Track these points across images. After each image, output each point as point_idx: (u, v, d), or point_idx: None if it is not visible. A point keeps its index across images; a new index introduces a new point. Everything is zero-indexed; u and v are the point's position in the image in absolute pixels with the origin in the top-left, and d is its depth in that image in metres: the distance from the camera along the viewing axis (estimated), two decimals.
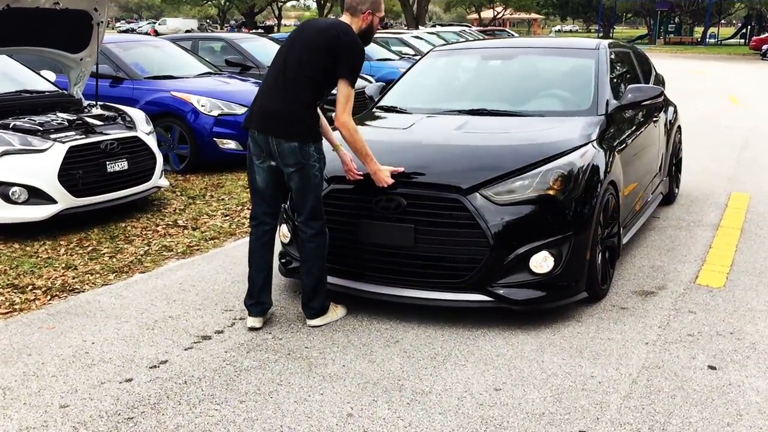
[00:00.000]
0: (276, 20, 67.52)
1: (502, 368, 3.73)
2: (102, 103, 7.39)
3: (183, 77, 9.39)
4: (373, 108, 5.58)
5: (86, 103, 7.33)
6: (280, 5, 63.83)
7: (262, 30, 50.77)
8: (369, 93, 6.04)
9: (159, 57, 9.95)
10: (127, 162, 6.66)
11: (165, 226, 6.52)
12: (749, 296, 4.69)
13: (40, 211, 6.05)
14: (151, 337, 4.15)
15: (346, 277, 4.41)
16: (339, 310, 4.38)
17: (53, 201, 6.08)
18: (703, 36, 57.91)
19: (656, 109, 6.31)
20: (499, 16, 65.56)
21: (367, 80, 11.38)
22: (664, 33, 60.51)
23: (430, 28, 32.02)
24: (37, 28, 6.68)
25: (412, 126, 4.91)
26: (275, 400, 3.43)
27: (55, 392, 3.53)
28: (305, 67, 4.00)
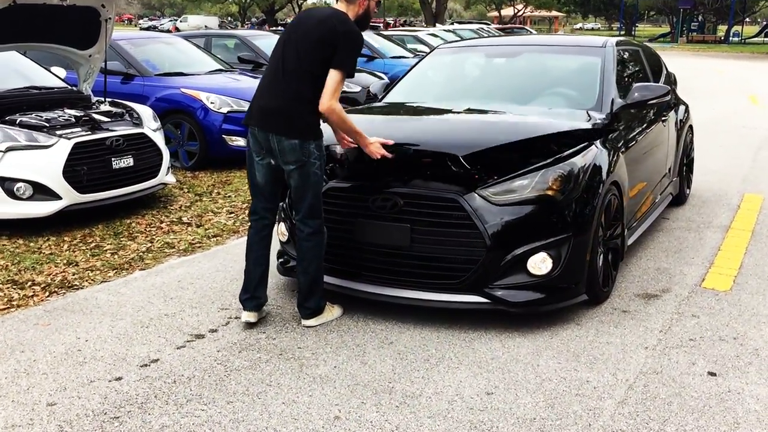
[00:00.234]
0: None
1: (495, 372, 3.66)
2: (110, 99, 7.39)
3: (193, 74, 9.38)
4: (375, 105, 5.52)
5: (95, 99, 7.34)
6: (301, 3, 63.96)
7: (282, 27, 50.91)
8: (373, 91, 6.00)
9: (170, 54, 9.95)
10: (132, 158, 6.65)
11: (169, 223, 6.51)
12: (756, 300, 4.59)
13: (45, 207, 6.06)
14: (144, 336, 4.12)
15: (342, 276, 4.37)
16: (335, 310, 4.33)
17: (58, 197, 6.09)
18: (727, 34, 57.21)
19: (666, 108, 6.21)
20: (520, 14, 65.21)
21: (380, 77, 11.32)
22: (687, 31, 59.84)
23: (448, 25, 31.86)
24: (45, 24, 6.69)
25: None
26: (263, 401, 3.39)
27: (44, 390, 3.51)
28: (304, 61, 3.95)
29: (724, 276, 5.01)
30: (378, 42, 15.21)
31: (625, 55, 5.88)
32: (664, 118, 6.01)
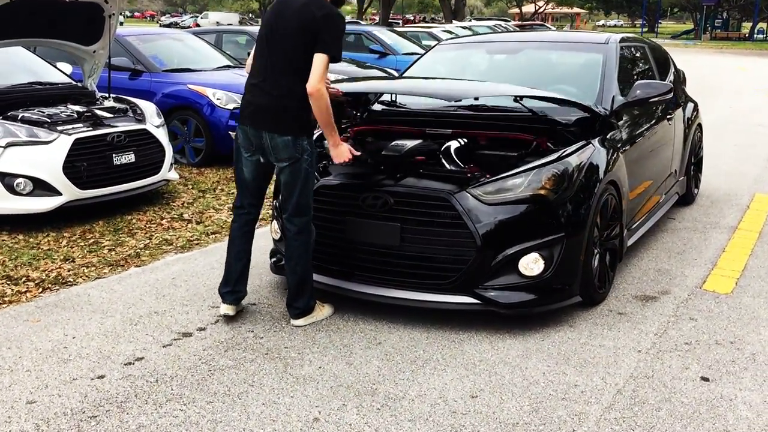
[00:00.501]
0: None
1: (482, 374, 3.59)
2: (114, 95, 7.38)
3: (201, 70, 9.36)
4: (375, 102, 5.45)
5: (99, 95, 7.34)
6: None
7: None
8: None
9: (179, 50, 9.94)
10: (134, 155, 6.64)
11: (170, 220, 6.49)
12: (757, 303, 4.48)
13: (45, 203, 6.05)
14: (132, 333, 4.09)
15: (332, 275, 4.32)
16: (325, 309, 4.28)
17: (58, 193, 6.08)
18: (751, 31, 56.42)
19: (672, 106, 6.09)
20: (541, 11, 64.80)
21: (391, 75, 11.26)
22: (711, 28, 59.15)
23: (466, 22, 31.67)
24: (49, 20, 6.68)
25: None
26: (243, 402, 3.35)
27: (25, 387, 3.49)
28: (290, 56, 3.90)
29: (727, 278, 4.90)
30: (391, 38, 15.13)
31: (629, 52, 5.77)
32: (669, 116, 5.89)
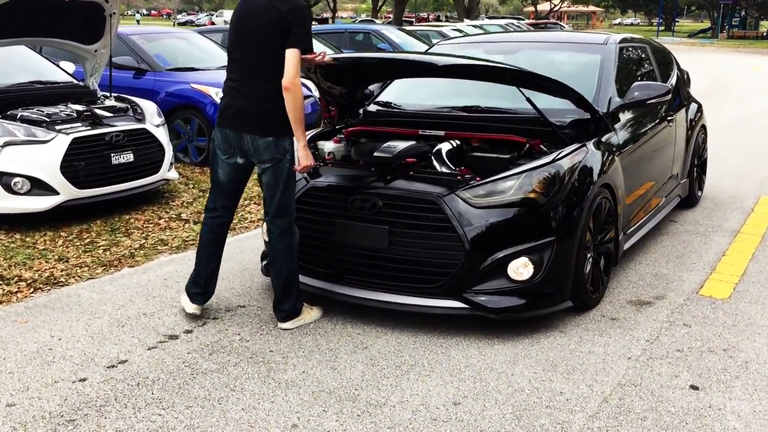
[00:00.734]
0: (331, 12, 67.62)
1: (467, 381, 3.54)
2: (116, 94, 7.38)
3: (205, 69, 9.35)
4: (371, 103, 5.41)
5: (100, 94, 7.34)
6: None
7: (316, 22, 50.88)
8: (371, 88, 5.88)
9: (183, 49, 9.94)
10: (133, 154, 6.63)
11: (167, 219, 6.48)
12: (754, 310, 4.39)
13: (42, 202, 6.05)
14: (118, 335, 4.07)
15: (320, 278, 4.28)
16: (314, 312, 4.24)
17: (55, 192, 6.08)
18: None
19: (675, 107, 6.01)
20: (557, 9, 64.45)
21: None
22: (728, 27, 58.62)
23: (478, 21, 31.54)
24: (49, 19, 6.69)
25: None
26: (223, 407, 3.31)
27: (5, 390, 3.47)
28: (264, 57, 3.85)
29: (725, 283, 4.82)
30: (399, 37, 15.06)
31: (629, 53, 5.69)
32: (670, 118, 5.80)
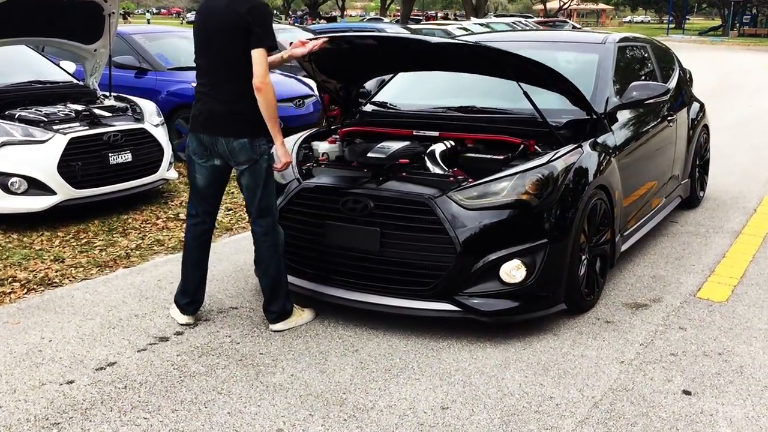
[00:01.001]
0: (340, 10, 67.69)
1: (456, 384, 3.50)
2: (116, 94, 7.37)
3: None
4: (367, 103, 5.37)
5: (100, 93, 7.34)
6: None
7: (325, 21, 50.90)
8: (368, 87, 5.85)
9: (185, 48, 9.89)
10: (131, 154, 6.61)
11: (165, 219, 6.46)
12: (751, 313, 4.34)
13: (39, 202, 6.05)
14: (109, 337, 4.05)
15: (311, 279, 4.25)
16: (305, 314, 4.21)
17: (52, 192, 6.08)
18: None
19: (676, 107, 5.95)
20: (566, 7, 64.19)
21: None
22: (739, 24, 58.24)
23: (485, 19, 31.44)
24: (48, 19, 6.69)
25: None
26: (209, 411, 3.29)
27: None
28: (230, 60, 3.82)
29: (723, 285, 4.76)
30: None
31: (629, 53, 5.63)
32: (671, 118, 5.74)
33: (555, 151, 4.19)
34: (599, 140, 4.51)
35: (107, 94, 7.30)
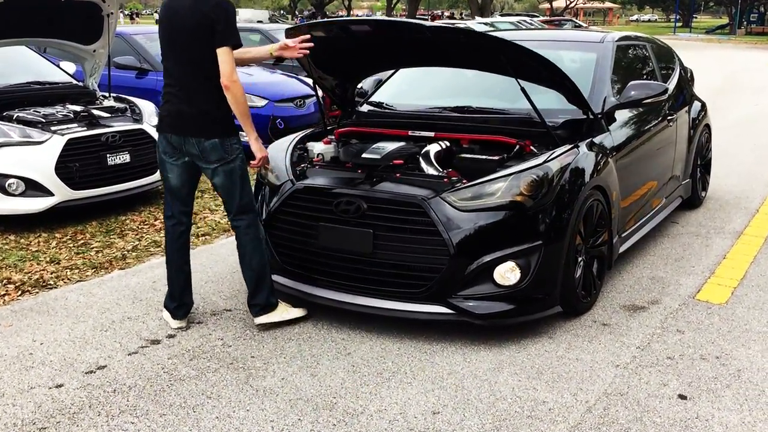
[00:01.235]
0: (346, 10, 67.68)
1: (448, 389, 3.46)
2: (115, 95, 7.36)
3: None
4: (364, 104, 5.34)
5: (99, 94, 7.32)
6: None
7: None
8: (365, 87, 5.82)
9: None
10: (129, 155, 6.59)
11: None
12: (751, 315, 4.28)
13: (37, 203, 6.03)
14: (100, 340, 4.03)
15: (304, 281, 4.21)
16: (294, 311, 4.19)
17: (50, 193, 6.05)
18: None
19: (676, 106, 5.89)
20: (572, 5, 63.99)
21: None
22: (746, 23, 57.97)
23: (490, 18, 31.34)
24: (47, 19, 6.67)
25: None
26: (197, 415, 3.25)
27: None
28: (197, 61, 3.80)
29: (723, 287, 4.70)
30: None
31: (628, 52, 5.58)
32: (671, 117, 5.68)
33: (551, 151, 4.15)
34: (596, 140, 4.46)
35: (106, 94, 7.28)
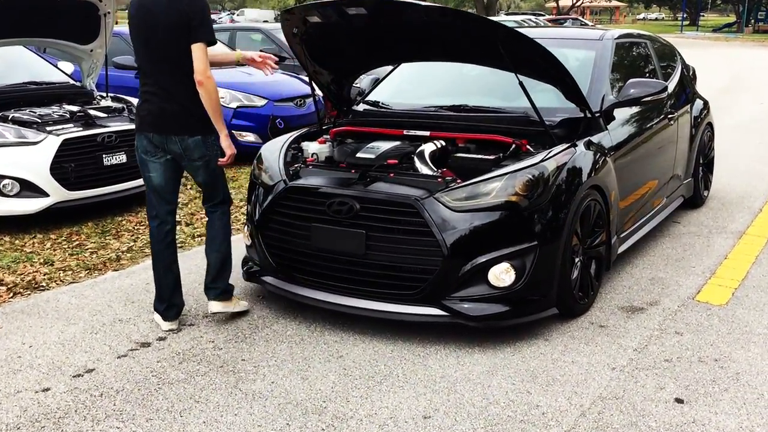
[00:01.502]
0: None
1: (441, 392, 3.40)
2: (112, 95, 7.32)
3: None
4: (360, 103, 5.28)
5: (97, 94, 7.28)
6: None
7: None
8: (363, 87, 5.75)
9: None
10: (126, 155, 6.54)
11: None
12: (751, 316, 4.20)
13: (31, 204, 5.99)
14: (90, 343, 3.98)
15: (296, 283, 4.15)
16: (241, 303, 4.28)
17: (45, 194, 6.01)
18: None
19: (678, 104, 5.81)
20: (579, 4, 63.78)
21: None
22: (754, 21, 57.68)
23: (495, 17, 31.24)
24: (44, 18, 6.63)
25: None
26: (184, 420, 3.20)
27: None
28: (175, 59, 3.78)
29: (724, 288, 4.62)
30: None
31: (628, 49, 5.50)
32: (672, 116, 5.60)
33: (547, 150, 4.08)
34: (594, 139, 4.39)
35: (104, 94, 7.24)
